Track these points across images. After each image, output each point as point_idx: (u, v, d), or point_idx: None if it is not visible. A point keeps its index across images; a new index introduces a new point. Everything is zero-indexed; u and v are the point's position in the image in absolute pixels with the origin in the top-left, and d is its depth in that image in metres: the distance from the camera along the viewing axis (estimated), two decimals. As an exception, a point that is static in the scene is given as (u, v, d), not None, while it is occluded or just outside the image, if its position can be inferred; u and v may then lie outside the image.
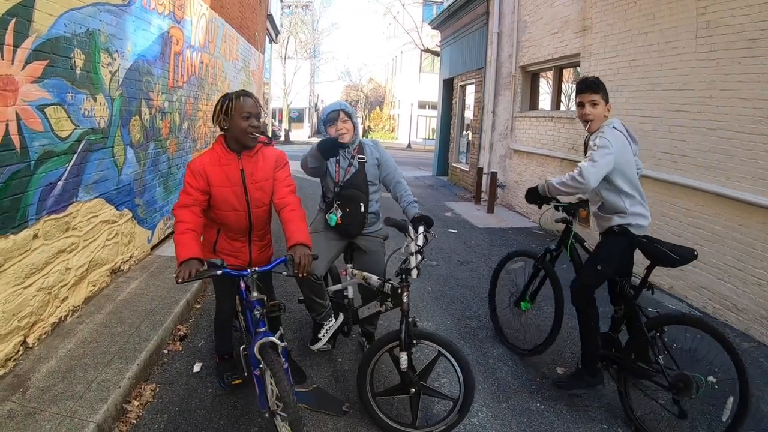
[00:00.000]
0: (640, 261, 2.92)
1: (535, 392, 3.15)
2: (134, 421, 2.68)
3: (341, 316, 3.12)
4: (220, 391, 3.00)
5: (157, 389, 3.00)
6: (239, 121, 2.47)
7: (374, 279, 2.95)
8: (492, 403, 3.03)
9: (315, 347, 3.09)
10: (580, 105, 3.03)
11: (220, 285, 2.89)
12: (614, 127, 2.94)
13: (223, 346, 3.09)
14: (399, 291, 2.66)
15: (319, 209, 3.25)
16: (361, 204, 3.01)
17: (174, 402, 2.89)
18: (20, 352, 2.95)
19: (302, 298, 3.08)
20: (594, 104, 2.98)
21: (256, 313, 2.32)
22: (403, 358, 2.56)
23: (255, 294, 2.34)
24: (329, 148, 2.74)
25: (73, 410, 2.50)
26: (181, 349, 3.52)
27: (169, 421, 2.70)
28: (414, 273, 2.63)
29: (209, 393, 2.99)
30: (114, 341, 3.24)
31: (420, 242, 2.65)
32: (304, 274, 2.29)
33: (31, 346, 3.06)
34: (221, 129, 2.57)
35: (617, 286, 3.00)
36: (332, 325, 3.08)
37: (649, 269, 2.89)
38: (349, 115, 2.98)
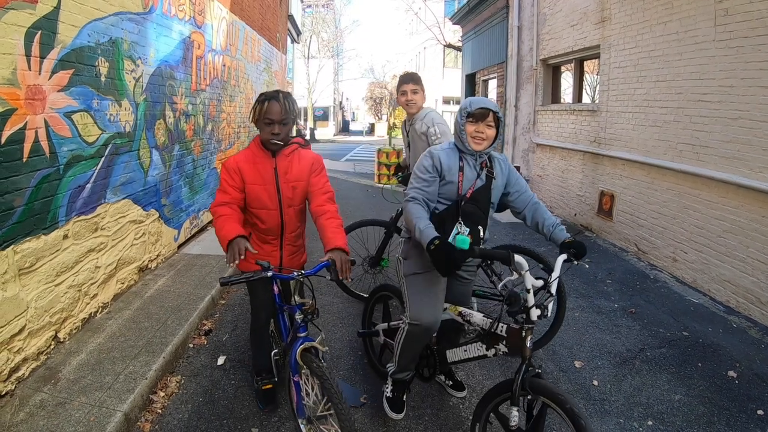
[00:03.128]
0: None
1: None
2: (160, 411, 2.80)
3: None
4: (242, 383, 3.10)
5: (182, 381, 3.12)
6: (263, 126, 2.43)
7: (478, 317, 2.42)
8: (508, 395, 3.04)
9: (401, 416, 2.72)
10: (403, 93, 3.73)
11: (257, 293, 2.66)
12: (438, 114, 3.68)
13: (261, 360, 2.81)
14: (523, 334, 2.13)
15: (404, 235, 2.60)
16: (480, 227, 2.43)
17: (198, 393, 3.00)
18: (52, 346, 3.11)
19: (362, 330, 3.21)
20: (415, 92, 3.70)
21: (298, 318, 2.26)
22: (513, 413, 2.07)
23: (297, 297, 2.32)
24: (443, 261, 2.10)
25: (101, 400, 2.63)
26: (205, 342, 3.64)
27: (193, 411, 2.81)
28: (534, 313, 2.09)
29: (232, 385, 3.09)
30: (141, 335, 3.38)
31: (556, 274, 2.19)
32: (348, 278, 2.19)
33: (62, 340, 3.22)
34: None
35: None
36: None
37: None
38: (498, 121, 2.35)
